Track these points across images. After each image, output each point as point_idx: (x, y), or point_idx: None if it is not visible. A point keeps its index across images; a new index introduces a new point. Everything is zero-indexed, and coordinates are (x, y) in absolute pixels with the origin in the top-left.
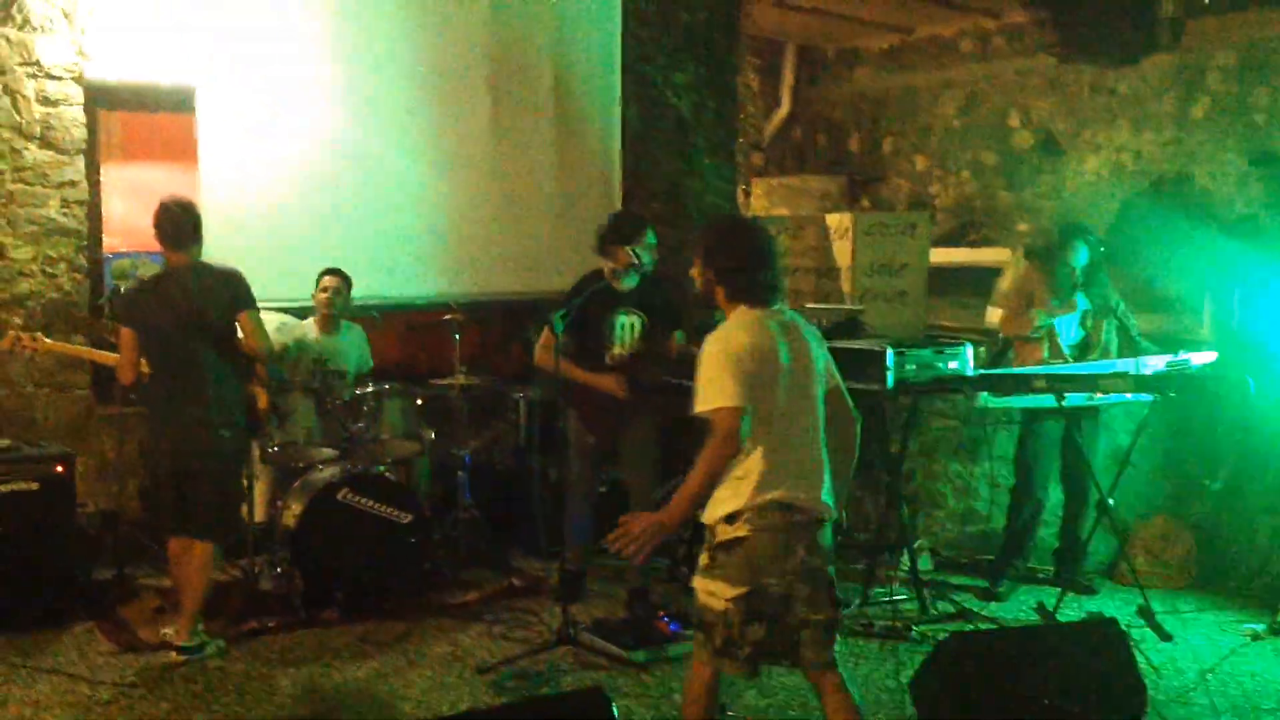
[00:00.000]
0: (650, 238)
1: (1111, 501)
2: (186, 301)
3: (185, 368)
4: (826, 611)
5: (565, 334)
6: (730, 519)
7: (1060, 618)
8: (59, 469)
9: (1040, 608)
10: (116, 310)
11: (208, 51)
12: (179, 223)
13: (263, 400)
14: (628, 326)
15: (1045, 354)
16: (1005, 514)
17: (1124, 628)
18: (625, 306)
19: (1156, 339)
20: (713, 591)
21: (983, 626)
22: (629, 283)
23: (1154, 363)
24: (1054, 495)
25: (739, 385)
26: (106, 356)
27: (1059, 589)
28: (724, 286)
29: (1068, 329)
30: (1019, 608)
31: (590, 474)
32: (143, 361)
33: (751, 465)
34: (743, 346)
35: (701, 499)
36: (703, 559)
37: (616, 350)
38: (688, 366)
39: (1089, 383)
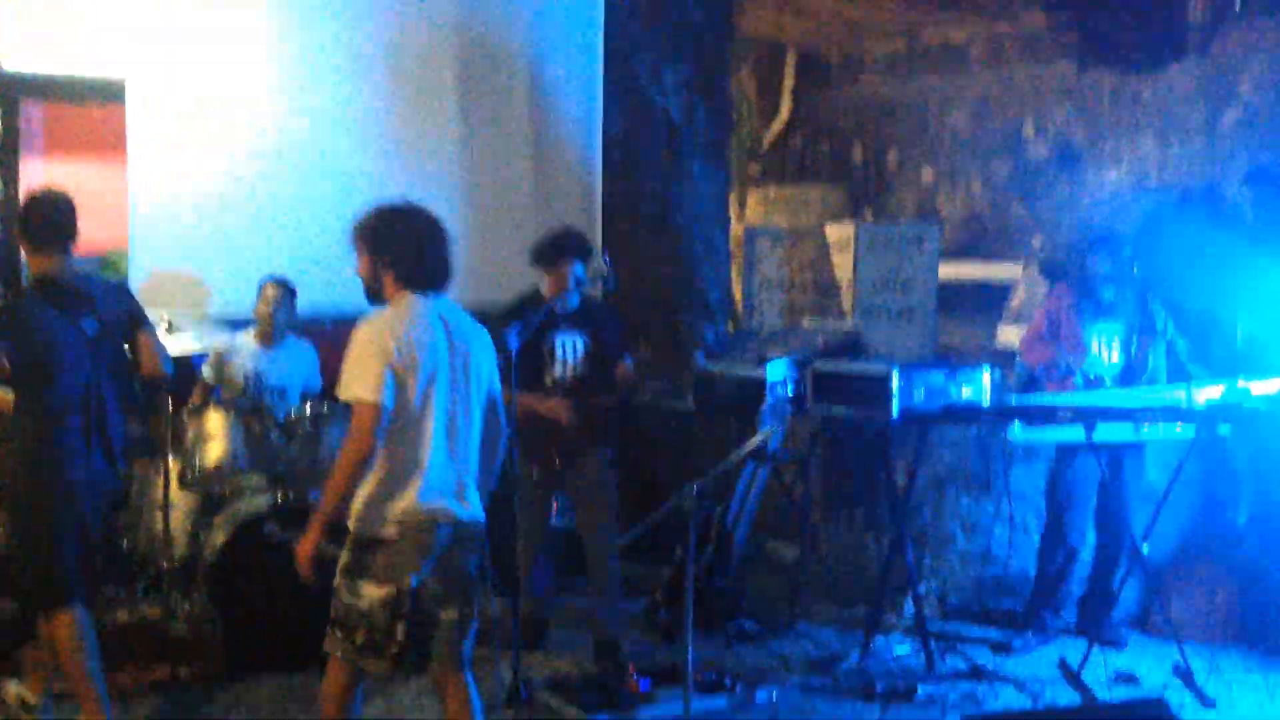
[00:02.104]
0: (592, 258)
1: (1146, 548)
2: (80, 317)
3: (86, 398)
4: (462, 611)
5: (500, 354)
6: (375, 520)
7: (1086, 676)
8: None
9: (1062, 665)
10: None
11: (140, 38)
12: (52, 216)
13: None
14: (570, 347)
15: (1079, 381)
16: (1036, 560)
17: (1162, 698)
18: (566, 326)
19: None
20: (356, 591)
21: (998, 687)
22: (570, 302)
23: (1207, 392)
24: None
25: (383, 380)
26: None
27: (1085, 641)
28: (393, 272)
29: (1107, 354)
30: (1039, 663)
31: (538, 511)
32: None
33: (399, 463)
34: (400, 339)
35: (346, 494)
36: (344, 558)
37: (559, 374)
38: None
39: (1126, 415)
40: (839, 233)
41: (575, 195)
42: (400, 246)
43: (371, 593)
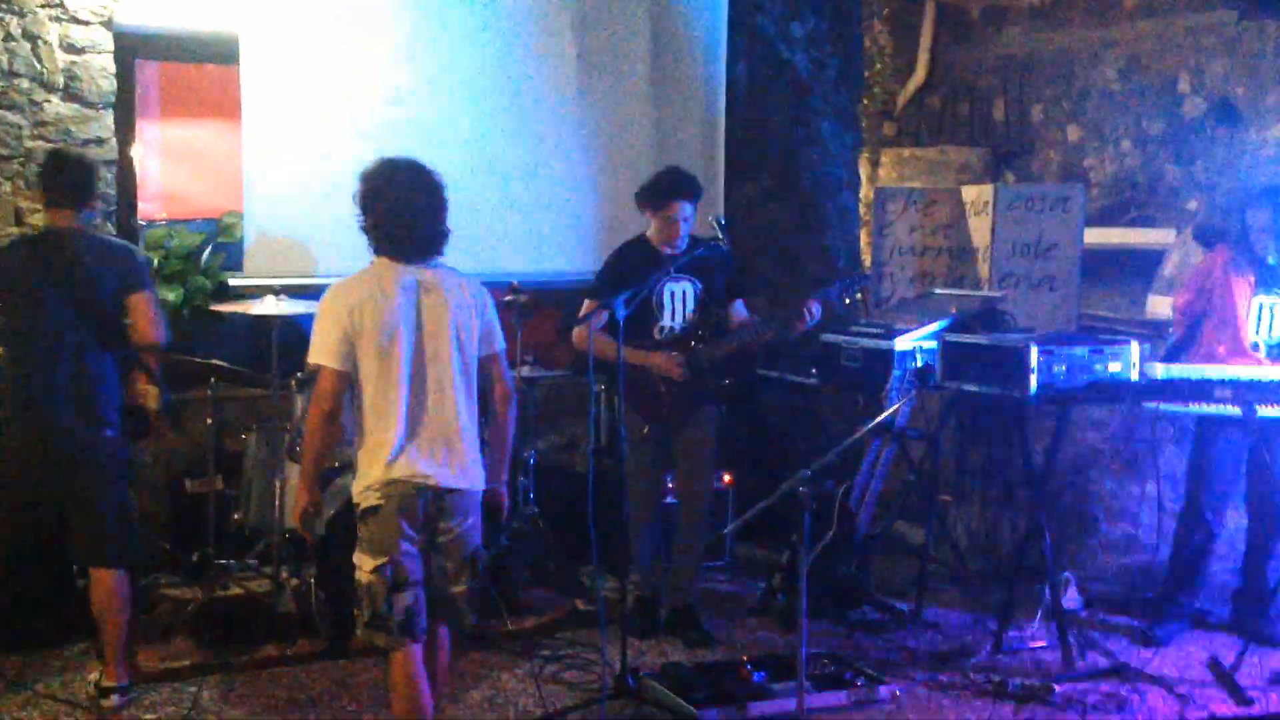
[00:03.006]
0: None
1: None
2: (69, 271)
3: (59, 353)
4: (463, 585)
5: (604, 307)
6: (366, 488)
7: (1240, 677)
8: None
9: (1213, 663)
10: None
11: None
12: (69, 175)
13: (151, 399)
14: (679, 296)
15: (1224, 354)
16: (1172, 542)
17: None
18: (675, 273)
19: None
20: (359, 564)
21: (1143, 687)
22: (679, 247)
23: None
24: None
25: (339, 344)
26: None
27: (1240, 639)
28: (368, 236)
29: (1266, 323)
30: (1186, 661)
31: (650, 472)
32: None
33: (381, 432)
34: (353, 302)
35: (316, 456)
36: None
37: (667, 323)
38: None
39: None
40: (976, 194)
41: (698, 154)
42: (375, 211)
43: (368, 564)
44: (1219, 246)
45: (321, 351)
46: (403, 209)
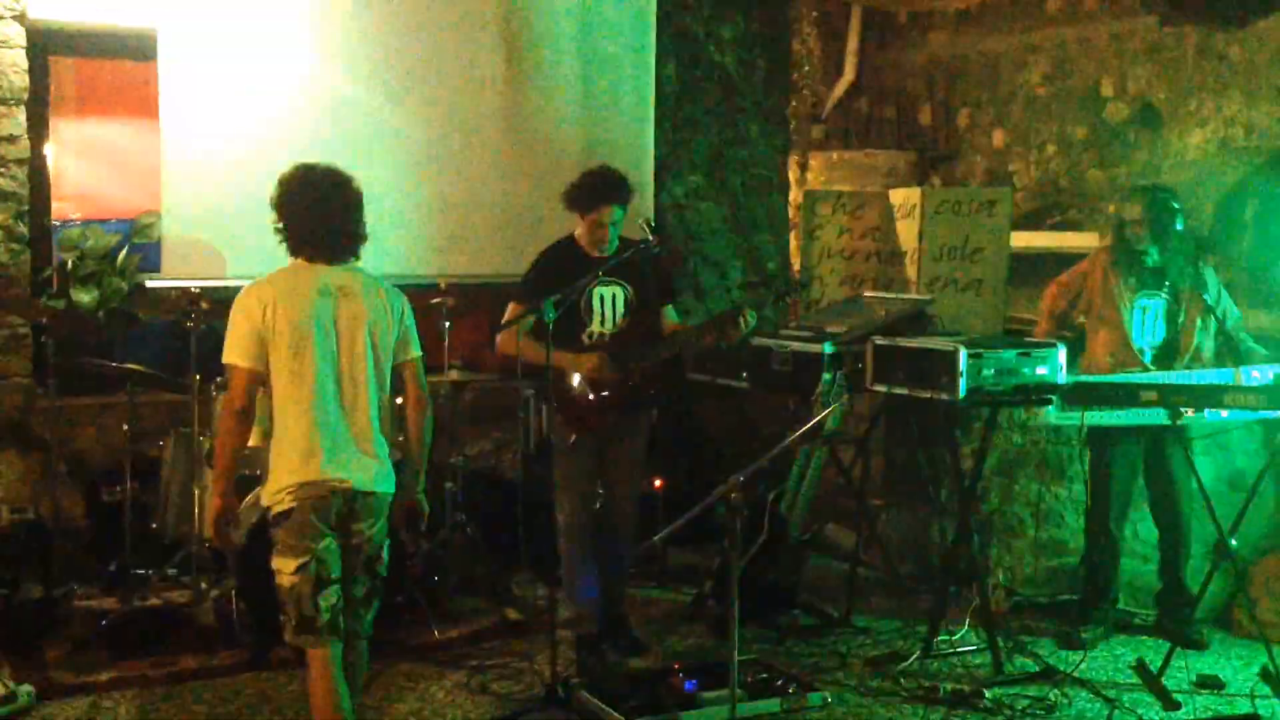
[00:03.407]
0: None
1: (1234, 541)
2: None
3: None
4: (371, 584)
5: (531, 311)
6: (278, 491)
7: (1167, 680)
8: None
9: (1140, 666)
10: None
11: None
12: None
13: None
14: (609, 301)
15: (1109, 359)
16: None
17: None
18: (604, 276)
19: (1268, 341)
20: (279, 569)
21: (1071, 691)
22: (608, 249)
23: (1261, 373)
24: (1151, 529)
25: (251, 342)
26: None
27: (1164, 642)
28: (284, 238)
29: (1148, 325)
30: (1113, 664)
31: (582, 485)
32: None
33: (292, 435)
34: (266, 299)
35: (226, 454)
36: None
37: (596, 328)
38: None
39: (1210, 397)
40: (904, 198)
41: (627, 154)
42: (291, 214)
43: (288, 566)
44: (1097, 249)
45: (234, 349)
46: (318, 211)
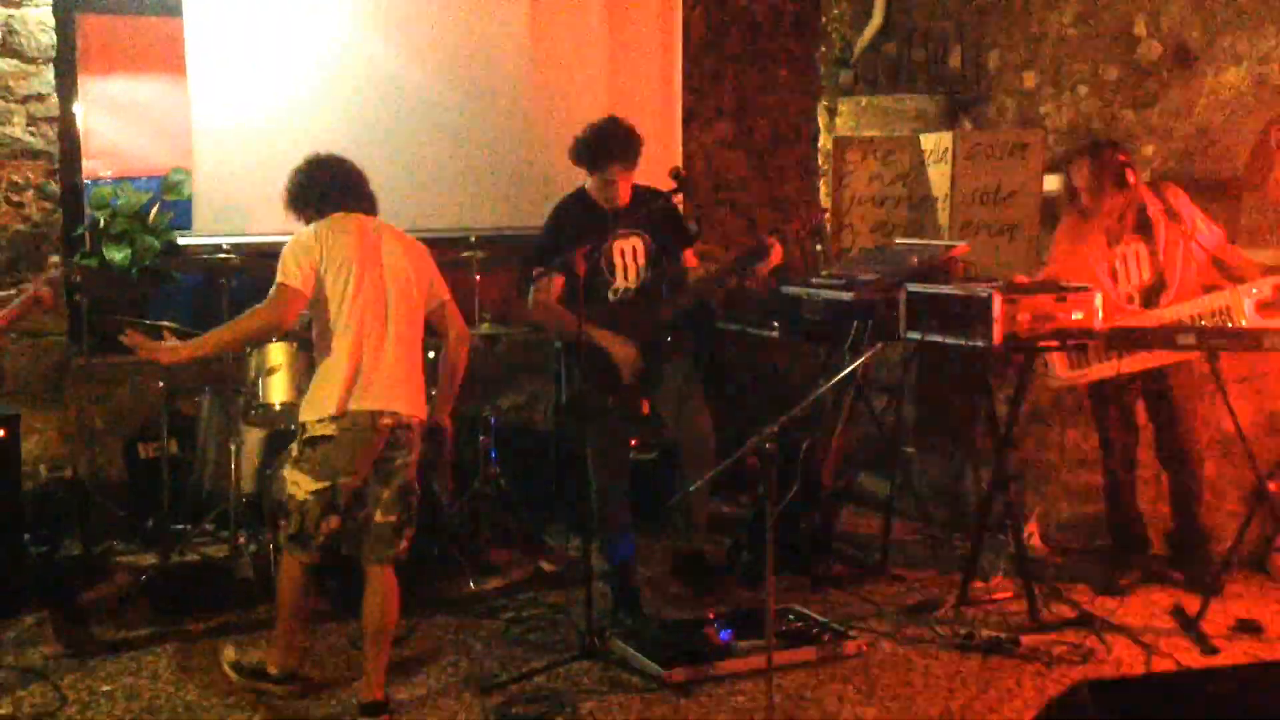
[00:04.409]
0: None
1: (1272, 486)
2: None
3: None
4: (397, 514)
5: (556, 270)
6: (320, 419)
7: (1205, 626)
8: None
9: (1177, 612)
10: None
11: None
12: None
13: None
14: (630, 254)
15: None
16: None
17: None
18: (621, 230)
19: None
20: (296, 482)
21: (1106, 637)
22: (620, 202)
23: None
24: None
25: (306, 271)
26: None
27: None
28: (316, 209)
29: (1133, 271)
30: (1150, 610)
31: (618, 449)
32: None
33: (340, 368)
34: (322, 236)
35: (226, 345)
36: (292, 450)
37: (620, 284)
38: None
39: (1250, 339)
40: (935, 142)
41: (653, 104)
42: (313, 187)
43: (307, 485)
44: (1068, 208)
45: (292, 275)
46: (340, 174)
